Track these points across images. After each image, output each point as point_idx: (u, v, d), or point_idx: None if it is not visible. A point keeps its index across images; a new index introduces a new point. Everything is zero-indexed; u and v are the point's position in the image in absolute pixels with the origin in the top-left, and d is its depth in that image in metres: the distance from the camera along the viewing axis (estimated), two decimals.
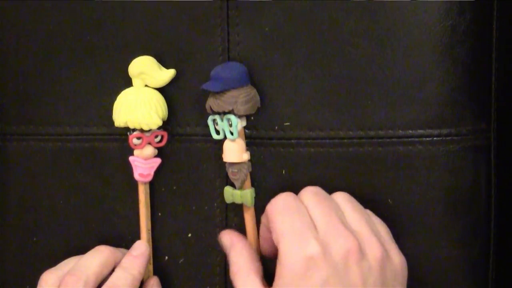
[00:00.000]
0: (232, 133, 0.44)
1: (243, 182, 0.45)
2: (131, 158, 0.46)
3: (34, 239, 0.49)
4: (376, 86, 0.44)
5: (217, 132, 0.44)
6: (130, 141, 0.45)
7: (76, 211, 0.48)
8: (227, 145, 0.44)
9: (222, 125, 0.44)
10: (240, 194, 0.45)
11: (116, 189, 0.48)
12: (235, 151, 0.44)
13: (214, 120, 0.44)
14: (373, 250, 0.40)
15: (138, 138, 0.45)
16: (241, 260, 0.43)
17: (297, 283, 0.38)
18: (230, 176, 0.45)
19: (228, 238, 0.45)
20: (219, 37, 0.46)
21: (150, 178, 0.46)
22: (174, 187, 0.47)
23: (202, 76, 0.46)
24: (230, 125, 0.43)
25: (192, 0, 0.46)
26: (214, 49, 0.46)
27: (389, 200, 0.44)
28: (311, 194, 0.42)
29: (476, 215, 0.46)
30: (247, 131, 0.46)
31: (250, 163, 0.45)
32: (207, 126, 0.46)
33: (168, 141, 0.47)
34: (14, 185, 0.49)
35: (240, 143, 0.44)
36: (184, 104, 0.46)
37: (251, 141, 0.46)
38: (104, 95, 0.47)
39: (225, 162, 0.45)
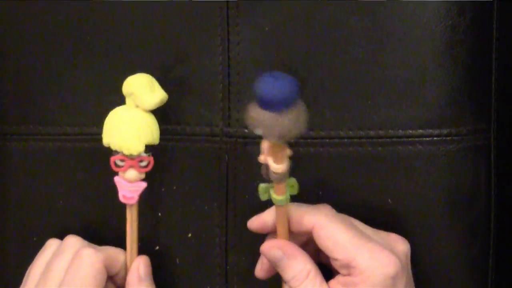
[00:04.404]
0: None
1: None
2: (116, 178, 0.44)
3: (34, 239, 0.49)
4: (376, 86, 0.44)
5: None
6: (111, 162, 0.44)
7: (76, 211, 0.48)
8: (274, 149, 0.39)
9: None
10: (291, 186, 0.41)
11: (116, 189, 0.48)
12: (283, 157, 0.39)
13: None
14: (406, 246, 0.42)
15: (122, 160, 0.44)
16: (308, 265, 0.41)
17: None
18: (271, 176, 0.40)
19: (279, 251, 0.42)
20: (219, 37, 0.46)
21: (134, 201, 0.44)
22: (174, 187, 0.47)
23: (202, 76, 0.46)
24: None
25: (192, 0, 0.46)
26: (214, 49, 0.46)
27: (389, 200, 0.45)
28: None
29: (476, 215, 0.46)
30: (246, 131, 0.46)
31: None
32: (207, 126, 0.46)
33: (168, 140, 0.47)
34: (14, 185, 0.49)
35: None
36: (184, 104, 0.46)
37: (251, 141, 0.46)
38: (104, 95, 0.47)
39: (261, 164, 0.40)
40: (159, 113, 0.47)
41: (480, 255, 0.46)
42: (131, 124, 0.43)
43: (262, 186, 0.41)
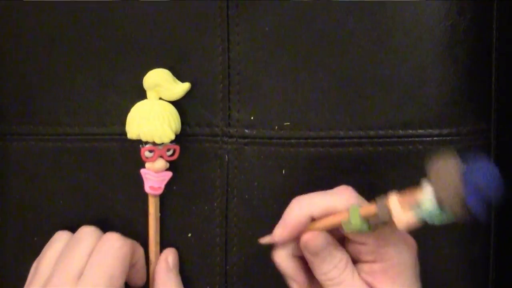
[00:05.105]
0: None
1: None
2: (142, 171, 0.45)
3: (34, 239, 0.49)
4: (376, 86, 0.44)
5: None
6: (142, 154, 0.45)
7: (76, 211, 0.48)
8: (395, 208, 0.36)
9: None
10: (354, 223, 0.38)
11: (116, 189, 0.48)
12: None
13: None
14: None
15: (150, 151, 0.45)
16: (345, 254, 0.40)
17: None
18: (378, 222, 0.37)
19: (321, 238, 0.40)
20: (219, 37, 0.46)
21: (160, 191, 0.46)
22: (174, 187, 0.47)
23: (201, 76, 0.46)
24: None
25: (192, 0, 0.46)
26: (214, 49, 0.46)
27: None
28: None
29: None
30: (246, 131, 0.46)
31: None
32: (207, 126, 0.46)
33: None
34: (14, 185, 0.49)
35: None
36: (184, 103, 0.46)
37: (251, 141, 0.46)
38: (104, 95, 0.47)
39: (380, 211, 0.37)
40: None
41: (480, 255, 0.46)
42: (161, 114, 0.44)
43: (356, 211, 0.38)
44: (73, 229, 0.48)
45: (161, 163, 0.45)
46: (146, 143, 0.45)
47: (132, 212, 0.47)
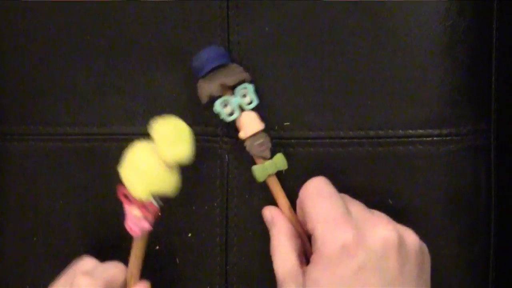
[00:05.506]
0: (251, 102, 0.44)
1: (270, 150, 0.44)
2: (125, 205, 0.43)
3: (34, 239, 0.49)
4: (376, 86, 0.44)
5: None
6: (119, 192, 0.43)
7: (76, 211, 0.48)
8: (245, 118, 0.44)
9: (235, 101, 0.43)
10: (275, 162, 0.44)
11: (116, 189, 0.48)
12: (254, 120, 0.44)
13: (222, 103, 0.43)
14: (411, 239, 0.40)
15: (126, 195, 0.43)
16: (281, 237, 0.43)
17: (332, 270, 0.38)
18: (256, 151, 0.44)
19: (269, 214, 0.44)
20: (219, 37, 0.46)
21: (136, 235, 0.44)
22: None
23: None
24: (244, 96, 0.44)
25: (192, 0, 0.46)
26: None
27: (389, 200, 0.44)
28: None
29: (476, 215, 0.46)
30: None
31: None
32: (207, 126, 0.46)
33: None
34: (14, 185, 0.49)
35: (253, 112, 0.44)
36: (183, 103, 0.46)
37: None
38: (104, 95, 0.47)
39: (244, 141, 0.44)
40: (158, 113, 0.47)
41: (480, 255, 0.46)
42: (141, 168, 0.41)
43: (255, 167, 0.44)
44: (72, 229, 0.48)
45: (136, 212, 0.43)
46: None
47: None
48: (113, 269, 0.44)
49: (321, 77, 0.45)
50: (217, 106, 0.43)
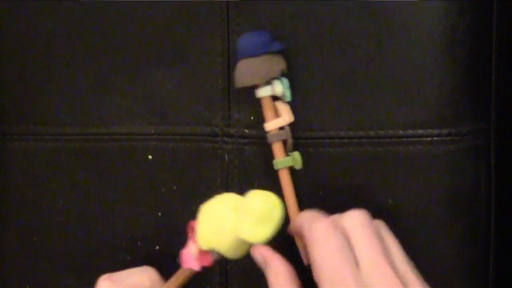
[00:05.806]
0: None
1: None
2: (189, 239, 0.44)
3: (34, 239, 0.49)
4: (376, 86, 0.44)
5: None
6: (188, 226, 0.44)
7: (76, 211, 0.48)
8: (285, 107, 0.44)
9: (286, 85, 0.44)
10: (293, 157, 0.45)
11: (116, 189, 0.48)
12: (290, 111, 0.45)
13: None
14: None
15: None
16: (280, 280, 0.41)
17: None
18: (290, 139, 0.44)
19: (260, 256, 0.42)
20: (219, 37, 0.46)
21: (183, 266, 0.44)
22: (174, 187, 0.47)
23: (202, 75, 0.46)
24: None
25: (192, 0, 0.46)
26: (214, 49, 0.46)
27: (389, 200, 0.44)
28: (357, 223, 0.39)
29: (476, 215, 0.46)
30: (246, 131, 0.46)
31: None
32: (207, 126, 0.46)
33: (168, 141, 0.47)
34: (14, 185, 0.49)
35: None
36: (184, 103, 0.46)
37: (251, 141, 0.46)
38: (104, 95, 0.47)
39: (281, 128, 0.44)
40: (158, 113, 0.47)
41: (480, 255, 0.46)
42: (216, 225, 0.42)
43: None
44: (72, 229, 0.48)
45: (193, 249, 0.43)
46: None
47: (132, 212, 0.47)
48: (139, 274, 0.44)
49: (321, 77, 0.45)
50: (285, 82, 0.44)
